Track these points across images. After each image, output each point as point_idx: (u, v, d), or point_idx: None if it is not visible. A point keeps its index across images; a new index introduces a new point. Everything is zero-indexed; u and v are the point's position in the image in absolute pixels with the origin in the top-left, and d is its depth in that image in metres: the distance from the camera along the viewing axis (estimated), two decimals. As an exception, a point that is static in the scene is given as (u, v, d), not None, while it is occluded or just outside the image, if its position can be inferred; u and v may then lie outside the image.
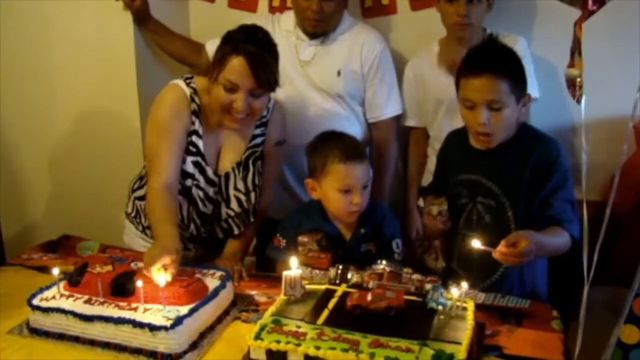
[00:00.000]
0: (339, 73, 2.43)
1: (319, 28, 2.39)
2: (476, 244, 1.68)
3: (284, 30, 2.48)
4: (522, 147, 1.86)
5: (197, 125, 2.00)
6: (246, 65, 1.87)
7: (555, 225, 1.78)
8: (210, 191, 2.06)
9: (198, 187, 2.04)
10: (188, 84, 2.01)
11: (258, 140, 2.10)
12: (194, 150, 2.01)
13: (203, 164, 2.03)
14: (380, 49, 2.45)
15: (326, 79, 2.43)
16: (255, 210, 2.13)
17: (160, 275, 1.61)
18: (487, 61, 1.81)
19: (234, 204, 2.08)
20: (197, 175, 2.03)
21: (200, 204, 2.06)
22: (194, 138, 2.01)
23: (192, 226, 2.10)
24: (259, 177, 2.10)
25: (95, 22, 2.61)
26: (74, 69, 2.68)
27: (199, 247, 2.19)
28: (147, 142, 2.03)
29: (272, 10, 2.71)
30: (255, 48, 1.88)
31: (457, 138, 2.03)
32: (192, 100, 2.00)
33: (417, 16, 2.57)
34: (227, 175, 2.07)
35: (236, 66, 1.88)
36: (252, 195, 2.09)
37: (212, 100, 1.97)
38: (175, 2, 2.80)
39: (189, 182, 2.02)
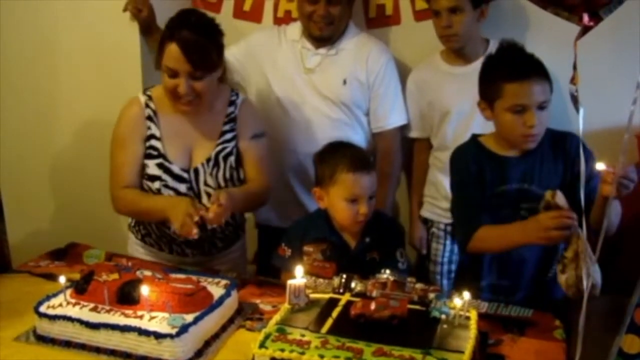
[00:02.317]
0: (344, 82, 2.45)
1: (325, 31, 2.41)
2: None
3: (290, 40, 2.52)
4: (549, 146, 1.90)
5: (153, 129, 2.11)
6: (179, 50, 1.95)
7: None
8: (182, 187, 2.11)
9: (167, 186, 2.09)
10: (144, 92, 2.14)
11: (228, 136, 2.15)
12: (154, 153, 2.10)
13: (166, 163, 2.09)
14: (385, 59, 2.47)
15: (332, 87, 2.46)
16: None
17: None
18: (530, 63, 1.85)
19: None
20: (164, 176, 2.09)
21: None
22: (153, 141, 2.10)
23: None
24: (231, 173, 2.14)
25: (101, 32, 2.63)
26: (79, 78, 2.70)
27: (198, 252, 2.22)
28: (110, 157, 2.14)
29: (277, 21, 2.74)
30: (188, 33, 1.96)
31: (472, 151, 1.99)
32: (147, 106, 2.11)
33: (421, 27, 2.59)
34: (196, 171, 2.12)
35: (172, 52, 1.97)
36: None
37: (163, 87, 2.05)
38: (181, 13, 2.82)
39: (156, 184, 2.09)
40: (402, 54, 2.63)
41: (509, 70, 1.85)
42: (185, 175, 2.11)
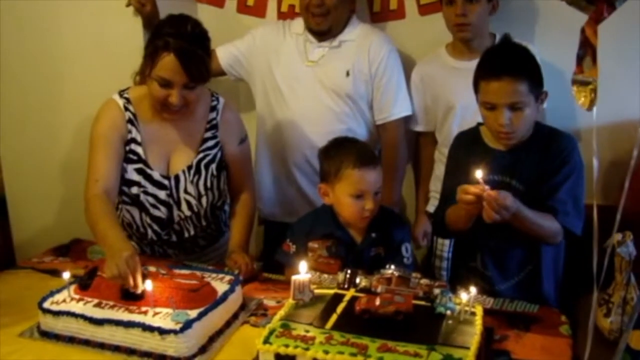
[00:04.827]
0: (347, 73, 2.44)
1: (323, 25, 2.41)
2: (479, 174, 1.69)
3: (294, 34, 2.52)
4: (541, 143, 1.89)
5: (134, 133, 2.04)
6: (177, 62, 1.88)
7: (550, 213, 1.81)
8: (162, 194, 2.07)
9: (146, 193, 2.06)
10: (122, 95, 2.06)
11: (210, 143, 2.11)
12: (134, 158, 2.04)
13: (147, 170, 2.05)
14: (387, 49, 2.46)
15: (335, 79, 2.45)
16: (207, 214, 2.15)
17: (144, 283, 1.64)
18: (506, 63, 1.83)
19: (184, 207, 2.10)
20: (143, 182, 2.05)
21: (151, 209, 2.08)
22: (133, 146, 2.04)
23: (149, 232, 2.13)
24: (212, 181, 2.11)
25: (104, 27, 2.62)
26: (83, 73, 2.69)
27: (180, 252, 2.21)
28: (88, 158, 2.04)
29: (281, 15, 2.73)
30: (185, 43, 1.89)
31: (469, 139, 2.03)
32: (126, 109, 2.04)
33: (425, 21, 2.58)
34: (177, 178, 2.08)
35: (168, 63, 1.89)
36: (204, 199, 2.11)
37: (149, 94, 1.99)
38: (184, 8, 2.79)
39: (135, 189, 2.05)
40: (406, 48, 2.62)
41: (483, 67, 1.87)
42: (165, 182, 2.07)
